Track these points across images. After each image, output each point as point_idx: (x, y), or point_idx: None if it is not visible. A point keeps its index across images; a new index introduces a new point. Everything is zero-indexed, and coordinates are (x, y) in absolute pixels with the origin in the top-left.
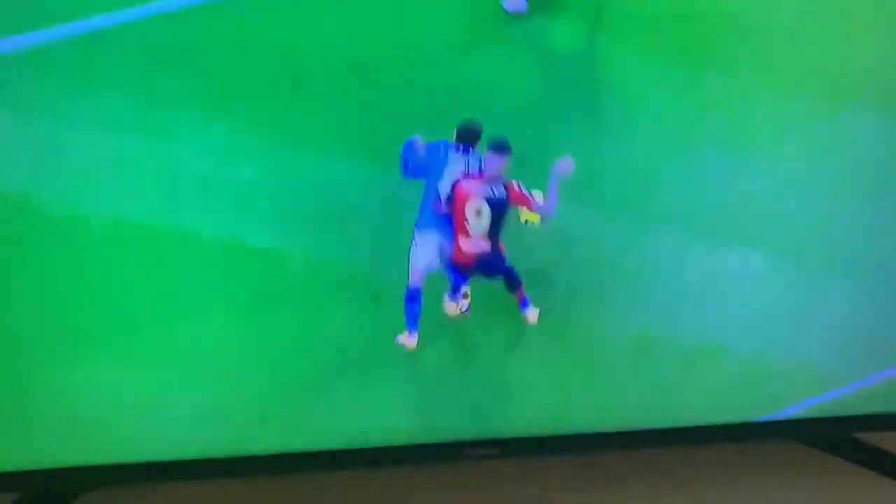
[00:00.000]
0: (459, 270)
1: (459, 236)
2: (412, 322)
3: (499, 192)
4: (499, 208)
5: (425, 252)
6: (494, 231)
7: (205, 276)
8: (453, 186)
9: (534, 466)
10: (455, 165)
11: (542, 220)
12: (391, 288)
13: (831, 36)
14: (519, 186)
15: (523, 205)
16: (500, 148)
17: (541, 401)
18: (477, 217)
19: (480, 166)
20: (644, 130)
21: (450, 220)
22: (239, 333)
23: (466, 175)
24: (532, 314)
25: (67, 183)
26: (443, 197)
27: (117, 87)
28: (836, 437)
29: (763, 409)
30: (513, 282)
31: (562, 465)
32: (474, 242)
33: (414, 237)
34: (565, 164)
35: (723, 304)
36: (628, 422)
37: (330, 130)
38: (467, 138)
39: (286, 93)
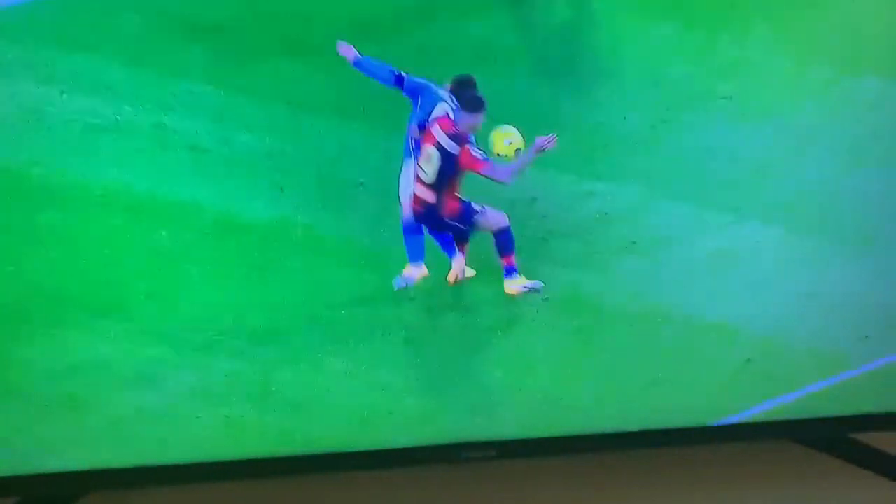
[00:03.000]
0: (414, 217)
1: (416, 179)
2: (414, 253)
3: (454, 148)
4: (447, 162)
5: (410, 180)
6: (440, 184)
7: (202, 246)
8: (429, 121)
9: (531, 467)
10: (445, 107)
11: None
12: (394, 265)
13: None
14: (474, 151)
15: (472, 169)
16: (472, 106)
17: (538, 402)
18: (427, 162)
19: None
20: (653, 97)
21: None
22: (235, 312)
23: (444, 118)
24: (511, 285)
25: (60, 151)
26: (419, 124)
27: (111, 50)
28: (831, 437)
29: (769, 393)
30: (501, 246)
31: (559, 467)
32: (423, 189)
33: (402, 166)
34: (546, 141)
35: (733, 281)
36: (625, 423)
37: (330, 93)
38: (458, 89)
39: (284, 56)
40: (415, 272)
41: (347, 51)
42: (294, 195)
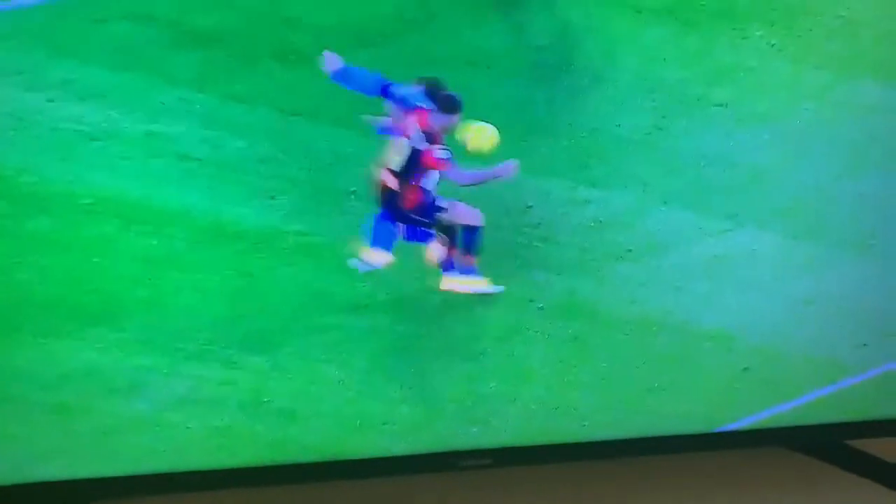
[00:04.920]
0: (380, 202)
1: (385, 165)
2: (381, 239)
3: (422, 144)
4: (413, 156)
5: None
6: (404, 174)
7: (193, 254)
8: (410, 108)
9: (527, 475)
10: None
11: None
12: (387, 273)
13: (849, 3)
14: (436, 152)
15: (433, 168)
16: (449, 107)
17: (534, 409)
18: (396, 150)
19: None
20: (649, 103)
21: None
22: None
23: (422, 111)
24: (461, 284)
25: (49, 158)
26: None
27: (100, 57)
28: (826, 444)
29: (768, 401)
30: (465, 243)
31: (555, 474)
32: (388, 175)
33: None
34: (508, 168)
35: (730, 288)
36: (621, 430)
37: (322, 101)
38: (430, 91)
39: (277, 63)
40: (380, 258)
41: (332, 62)
42: (286, 203)
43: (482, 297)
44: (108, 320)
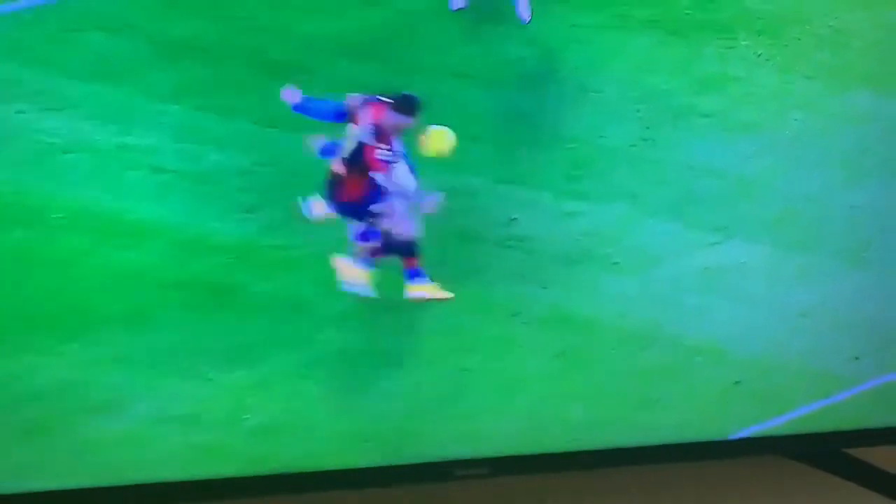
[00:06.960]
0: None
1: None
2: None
3: (369, 140)
4: (357, 148)
5: None
6: (351, 165)
7: (170, 268)
8: (368, 101)
9: (523, 485)
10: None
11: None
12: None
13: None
14: (378, 153)
15: (371, 168)
16: (405, 109)
17: (530, 419)
18: (348, 138)
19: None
20: (635, 115)
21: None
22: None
23: (378, 105)
24: (347, 273)
25: (21, 171)
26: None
27: (73, 68)
28: (824, 452)
29: (760, 415)
30: (391, 246)
31: (551, 483)
32: (338, 161)
33: None
34: (431, 201)
35: (720, 301)
36: (618, 439)
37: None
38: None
39: (253, 74)
40: (320, 211)
41: (291, 96)
42: (264, 216)
43: (469, 310)
44: (84, 336)
